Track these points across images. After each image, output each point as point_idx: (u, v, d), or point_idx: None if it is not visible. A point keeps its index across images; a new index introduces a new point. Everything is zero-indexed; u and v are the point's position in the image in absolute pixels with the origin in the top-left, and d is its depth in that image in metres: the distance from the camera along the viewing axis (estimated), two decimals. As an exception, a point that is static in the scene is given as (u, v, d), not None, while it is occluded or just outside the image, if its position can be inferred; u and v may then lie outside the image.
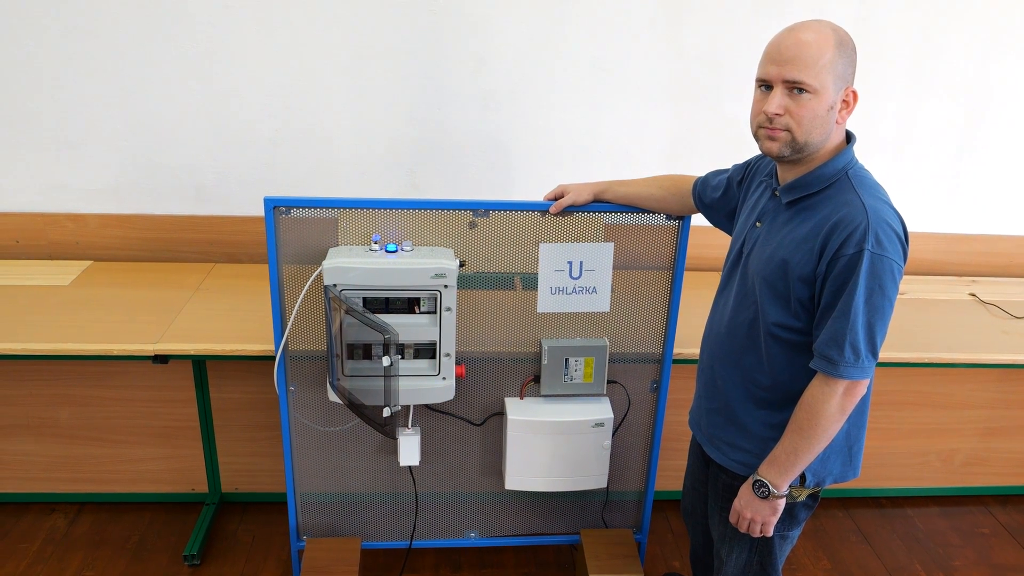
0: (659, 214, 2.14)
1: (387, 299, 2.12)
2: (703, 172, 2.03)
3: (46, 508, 2.84)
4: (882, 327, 1.55)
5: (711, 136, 2.89)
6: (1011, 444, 3.06)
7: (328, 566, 2.33)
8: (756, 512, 1.71)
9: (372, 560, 2.62)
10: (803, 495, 1.74)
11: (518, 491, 2.41)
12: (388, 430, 2.09)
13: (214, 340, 2.31)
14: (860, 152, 1.66)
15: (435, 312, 2.12)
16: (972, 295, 2.93)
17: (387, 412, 2.01)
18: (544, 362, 2.26)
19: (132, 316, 2.43)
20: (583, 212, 2.13)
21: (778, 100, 1.55)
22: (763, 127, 1.58)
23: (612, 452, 2.36)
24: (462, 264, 2.11)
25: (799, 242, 1.58)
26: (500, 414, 2.36)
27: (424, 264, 2.05)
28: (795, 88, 1.53)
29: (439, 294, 2.09)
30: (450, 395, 2.21)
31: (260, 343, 2.29)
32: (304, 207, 2.07)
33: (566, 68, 2.78)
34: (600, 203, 2.12)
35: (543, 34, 2.73)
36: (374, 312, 2.08)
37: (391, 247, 2.08)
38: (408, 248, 2.10)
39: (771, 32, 1.62)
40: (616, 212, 2.14)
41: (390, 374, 1.97)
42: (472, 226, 2.14)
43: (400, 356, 2.15)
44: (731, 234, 1.90)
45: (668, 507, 2.96)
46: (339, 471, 2.40)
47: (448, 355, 2.16)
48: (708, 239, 2.40)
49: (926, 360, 2.47)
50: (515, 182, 2.91)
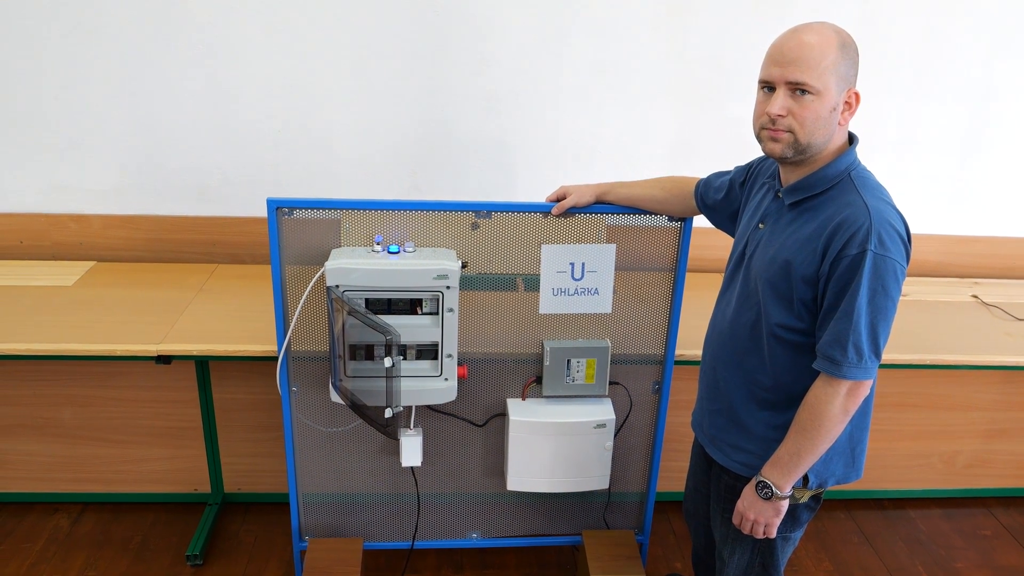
0: (661, 216, 2.14)
1: (389, 300, 2.12)
2: (705, 173, 2.02)
3: (49, 508, 2.84)
4: (885, 328, 1.55)
5: (713, 137, 2.89)
6: (1014, 446, 3.06)
7: (330, 566, 2.33)
8: (759, 513, 1.71)
9: (374, 560, 2.62)
10: (805, 496, 1.74)
11: (520, 492, 2.41)
12: (390, 431, 2.09)
13: (217, 341, 2.32)
14: (863, 153, 1.66)
15: (437, 313, 2.12)
16: (975, 297, 2.93)
17: (389, 413, 2.01)
18: (546, 363, 2.26)
19: (135, 316, 2.44)
20: (585, 213, 2.13)
21: (781, 101, 1.55)
22: (766, 128, 1.59)
23: (614, 453, 2.36)
24: (464, 265, 2.11)
25: (802, 243, 1.59)
26: (502, 415, 2.36)
27: (426, 265, 2.06)
28: (798, 89, 1.53)
29: (441, 295, 2.09)
30: (452, 396, 2.22)
31: (263, 344, 2.30)
32: (307, 208, 2.08)
33: (569, 69, 2.78)
34: (602, 204, 2.12)
35: (546, 35, 2.74)
36: (376, 313, 2.08)
37: (393, 248, 2.09)
38: (410, 249, 2.10)
39: (773, 34, 1.62)
40: (618, 214, 2.14)
41: (392, 375, 1.97)
42: (474, 227, 2.14)
43: (402, 357, 2.15)
44: (733, 236, 1.90)
45: (670, 508, 2.96)
46: (341, 472, 2.40)
47: (450, 356, 2.16)
48: (710, 241, 2.40)
49: (928, 362, 2.47)
50: (517, 183, 2.91)
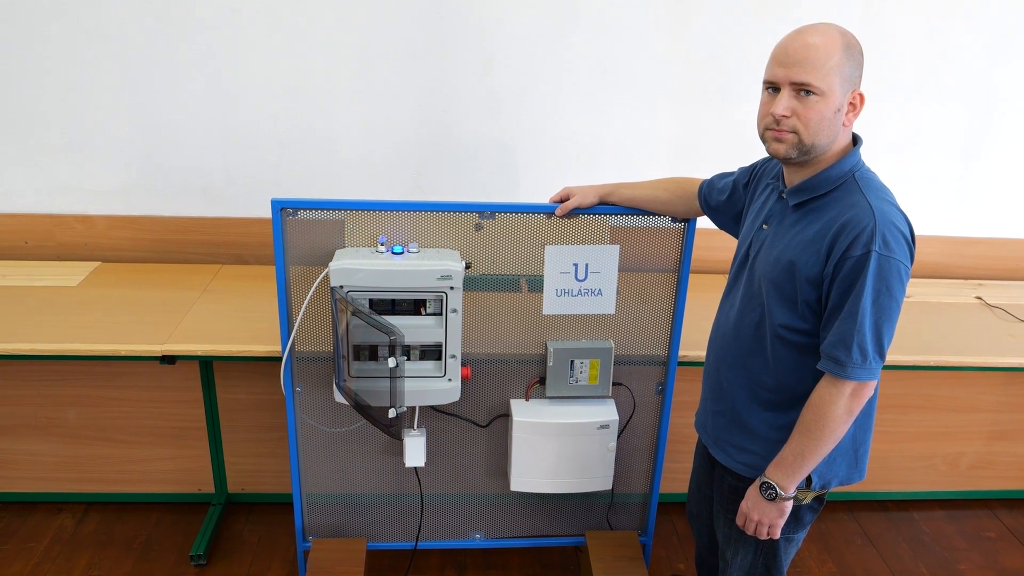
0: (664, 217, 2.14)
1: (393, 301, 2.12)
2: (708, 175, 2.03)
3: (53, 508, 2.85)
4: (889, 328, 1.55)
5: (717, 139, 2.89)
6: (1017, 448, 3.05)
7: (334, 567, 2.33)
8: (763, 514, 1.71)
9: (377, 561, 2.63)
10: (808, 497, 1.74)
11: (523, 493, 2.41)
12: (394, 431, 2.10)
13: (221, 341, 2.32)
14: (866, 154, 1.66)
15: (441, 314, 2.12)
16: (978, 298, 2.92)
17: (393, 413, 2.01)
18: (549, 364, 2.26)
19: (139, 317, 2.44)
20: (589, 215, 2.13)
21: (785, 102, 1.55)
22: (770, 129, 1.59)
23: (617, 454, 2.36)
24: (468, 266, 2.12)
25: (806, 244, 1.59)
26: (505, 416, 2.36)
27: (430, 266, 2.06)
28: (802, 90, 1.53)
29: (445, 296, 2.09)
30: (456, 396, 2.22)
31: (267, 344, 2.30)
32: (311, 209, 2.08)
33: (572, 70, 2.79)
34: (606, 205, 2.12)
35: (549, 36, 2.74)
36: (380, 313, 2.09)
37: (397, 249, 2.09)
38: (414, 250, 2.10)
39: (777, 35, 1.62)
40: (622, 215, 2.14)
41: (396, 375, 1.98)
42: (478, 228, 2.15)
43: (406, 357, 2.15)
44: (737, 237, 1.90)
45: (673, 509, 2.96)
46: (345, 472, 2.40)
47: (454, 357, 2.16)
48: (714, 241, 2.40)
49: (932, 363, 2.47)
50: (521, 184, 2.91)
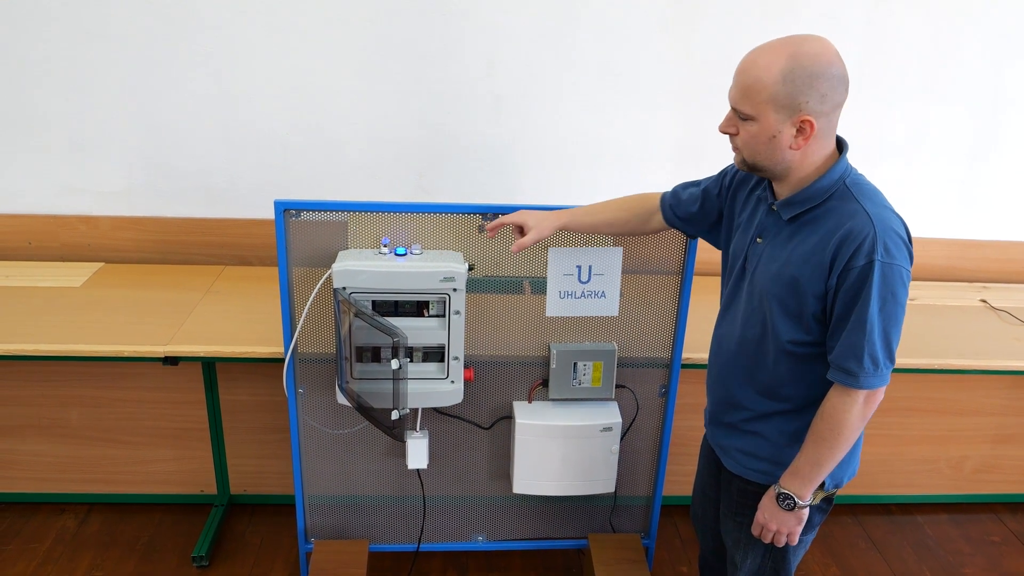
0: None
1: (396, 302, 2.12)
2: (677, 186, 1.97)
3: (56, 508, 2.85)
4: (897, 333, 1.55)
5: (720, 141, 2.86)
6: (1022, 451, 3.04)
7: (336, 568, 2.33)
8: (782, 524, 1.71)
9: (379, 563, 2.62)
10: (818, 498, 1.74)
11: (526, 495, 2.41)
12: (396, 433, 2.09)
13: (224, 342, 2.32)
14: (871, 157, 1.65)
15: (444, 315, 2.12)
16: (983, 301, 2.91)
17: (395, 415, 2.01)
18: (553, 366, 2.25)
19: (142, 318, 2.44)
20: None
21: (725, 119, 1.60)
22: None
23: (620, 457, 2.36)
24: (471, 268, 2.11)
25: (806, 257, 1.58)
26: (508, 418, 2.35)
27: (433, 267, 2.06)
28: (738, 113, 1.56)
29: (448, 297, 2.09)
30: (458, 398, 2.21)
31: (269, 345, 2.30)
32: (314, 210, 2.08)
33: (576, 72, 2.78)
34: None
35: (553, 38, 2.74)
36: (383, 315, 2.08)
37: (400, 250, 2.09)
38: (417, 251, 2.10)
39: (780, 36, 1.61)
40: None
41: (399, 377, 1.97)
42: (481, 230, 2.14)
43: (409, 359, 2.15)
44: (717, 246, 1.88)
45: (676, 512, 2.96)
46: (347, 474, 2.40)
47: (457, 359, 2.16)
48: (717, 244, 2.40)
49: (936, 366, 2.46)
50: (524, 186, 2.91)
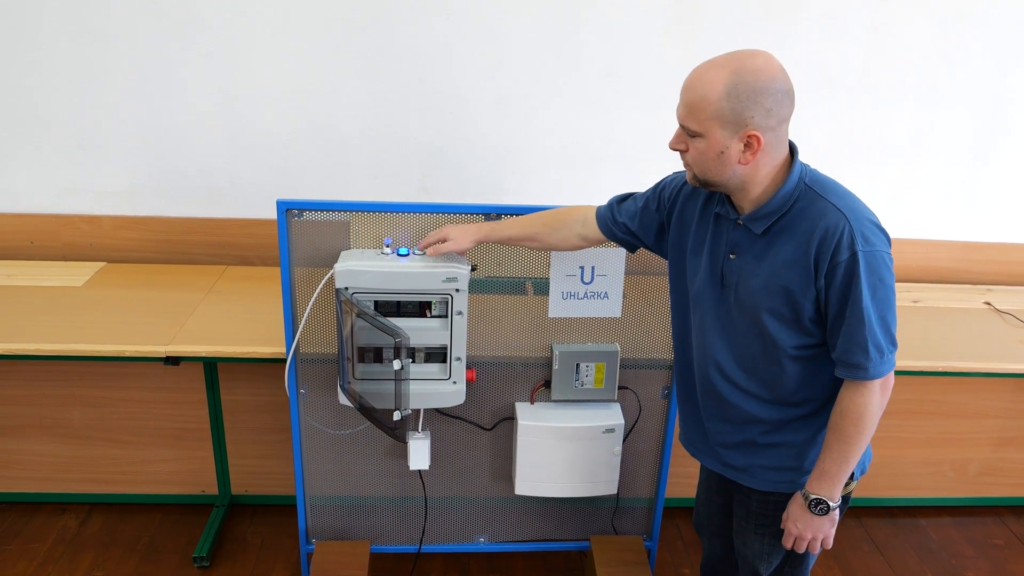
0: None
1: (398, 303, 2.12)
2: (613, 198, 1.96)
3: (57, 508, 2.85)
4: (893, 316, 1.56)
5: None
6: (1026, 454, 3.04)
7: (337, 569, 2.33)
8: (817, 530, 1.69)
9: (381, 564, 2.62)
10: (844, 490, 1.73)
11: (528, 496, 2.40)
12: (398, 434, 2.09)
13: (225, 342, 2.32)
14: (874, 159, 1.65)
15: (446, 316, 2.11)
16: (987, 304, 2.90)
17: (397, 416, 2.00)
18: (555, 367, 2.25)
19: (144, 317, 2.44)
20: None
21: (675, 136, 1.59)
22: None
23: (622, 458, 2.35)
24: (474, 268, 2.11)
25: (789, 263, 1.57)
26: (510, 419, 2.35)
27: (435, 268, 2.05)
28: (686, 130, 1.55)
29: (450, 298, 2.08)
30: (460, 399, 2.21)
31: (271, 345, 2.29)
32: (316, 210, 2.08)
33: (579, 73, 2.78)
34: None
35: (556, 39, 2.73)
36: (385, 315, 2.08)
37: (403, 251, 2.08)
38: (419, 252, 2.10)
39: (784, 38, 1.62)
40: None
41: (401, 378, 1.97)
42: (484, 230, 2.14)
43: (411, 360, 2.15)
44: (664, 256, 1.85)
45: (679, 514, 2.95)
46: (349, 474, 2.40)
47: (459, 359, 2.16)
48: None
49: (940, 369, 2.45)
50: (527, 186, 2.90)
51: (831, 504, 1.66)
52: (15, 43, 2.65)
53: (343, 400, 2.17)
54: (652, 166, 2.89)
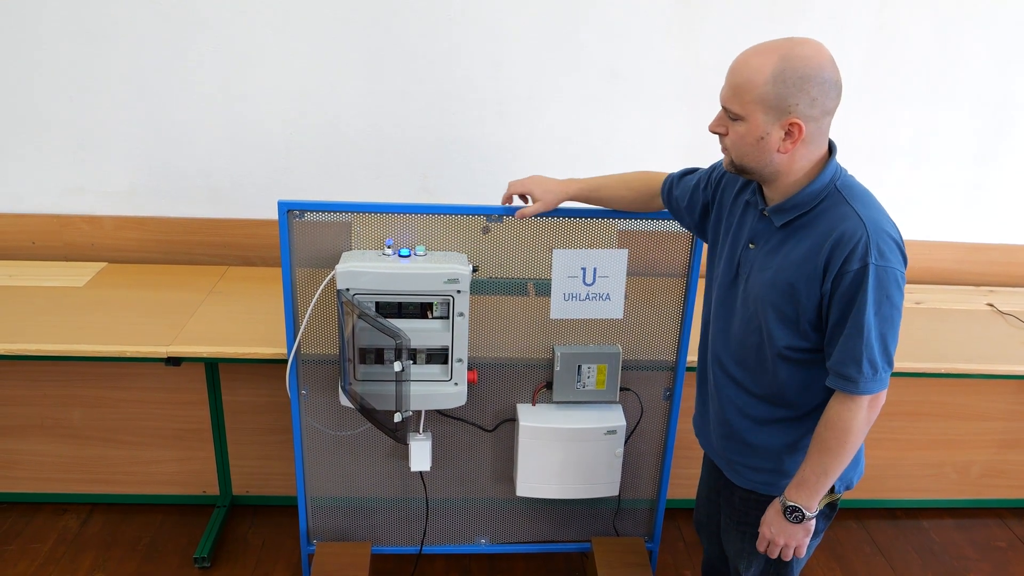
0: (673, 221, 2.12)
1: (400, 304, 2.11)
2: (680, 171, 1.98)
3: (58, 508, 2.85)
4: (894, 336, 1.54)
5: (726, 143, 2.87)
6: (1028, 456, 3.03)
7: (338, 570, 2.32)
8: (790, 537, 1.68)
9: (382, 565, 2.61)
10: (822, 504, 1.72)
11: (529, 498, 2.39)
12: (399, 435, 2.09)
13: (227, 343, 2.32)
14: (878, 160, 1.64)
15: (448, 317, 2.11)
16: (990, 305, 2.90)
17: (398, 417, 2.00)
18: (556, 368, 2.24)
19: (146, 318, 2.44)
20: (597, 219, 2.12)
21: (716, 119, 1.59)
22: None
23: (624, 460, 2.34)
24: (475, 269, 2.11)
25: (800, 263, 1.56)
26: (512, 420, 2.35)
27: (437, 269, 2.05)
28: (728, 112, 1.55)
29: (452, 299, 2.08)
30: (462, 401, 2.21)
31: (273, 346, 2.29)
32: (318, 211, 2.07)
33: (581, 74, 2.77)
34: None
35: (558, 40, 2.73)
36: (387, 317, 2.08)
37: (404, 252, 2.08)
38: (421, 253, 2.09)
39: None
40: (630, 219, 2.13)
41: (402, 379, 1.97)
42: (485, 231, 2.14)
43: (412, 361, 2.14)
44: (703, 239, 1.87)
45: (680, 516, 2.94)
46: (350, 475, 2.39)
47: (460, 360, 2.15)
48: (723, 246, 2.39)
49: (943, 370, 2.45)
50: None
51: (806, 513, 1.64)
52: (16, 43, 2.64)
53: (344, 401, 2.17)
54: (653, 166, 2.90)
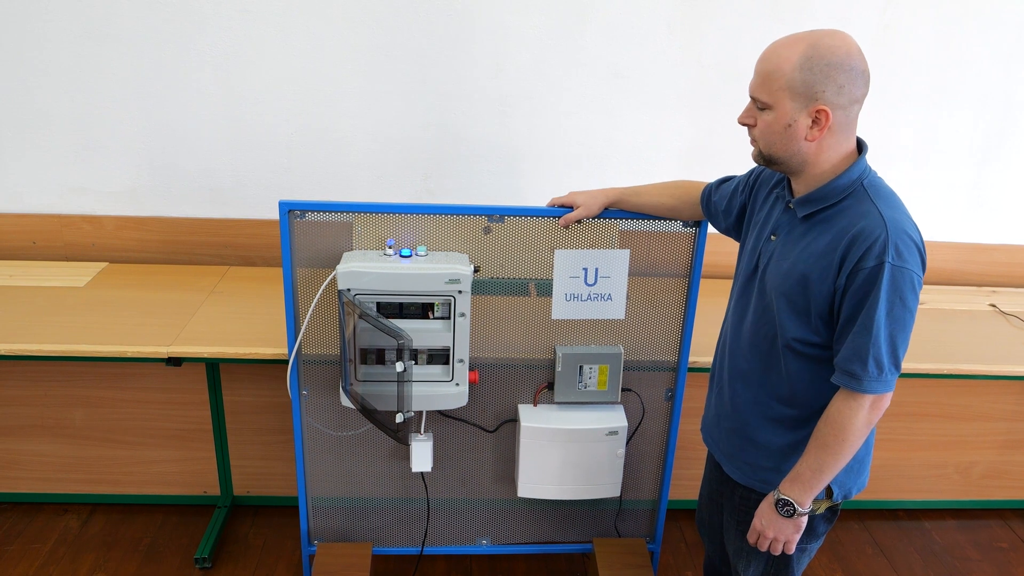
0: (675, 221, 2.12)
1: (401, 304, 2.11)
2: (718, 179, 2.01)
3: (59, 509, 2.84)
4: (904, 339, 1.53)
5: (727, 143, 2.86)
6: (1031, 457, 3.03)
7: (339, 571, 2.32)
8: (779, 531, 1.68)
9: (383, 566, 2.61)
10: (822, 507, 1.72)
11: (531, 499, 2.39)
12: (400, 436, 2.08)
13: (228, 343, 2.31)
14: (880, 160, 1.64)
15: (449, 318, 2.11)
16: (992, 306, 2.89)
17: (400, 418, 2.00)
18: (558, 369, 2.24)
19: (146, 318, 2.44)
20: (598, 219, 2.11)
21: (745, 110, 1.61)
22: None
23: (626, 461, 2.34)
24: (476, 269, 2.10)
25: (818, 256, 1.56)
26: (513, 421, 2.34)
27: (438, 269, 2.04)
28: (756, 102, 1.56)
29: (453, 299, 2.08)
30: (463, 401, 2.20)
31: (273, 346, 2.29)
32: (319, 211, 2.07)
33: (583, 74, 2.77)
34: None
35: (560, 40, 2.72)
36: (388, 317, 2.07)
37: (405, 252, 2.08)
38: (422, 253, 2.09)
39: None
40: (631, 219, 2.12)
41: (403, 379, 1.96)
42: (487, 231, 2.13)
43: (413, 361, 2.14)
44: (737, 239, 1.89)
45: (682, 517, 2.94)
46: (351, 476, 2.39)
47: (461, 361, 2.15)
48: (725, 246, 2.37)
49: (945, 371, 2.44)
50: (530, 187, 2.89)
51: (798, 508, 1.64)
52: (19, 43, 2.64)
53: (345, 402, 2.16)
54: (656, 166, 2.91)
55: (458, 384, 2.17)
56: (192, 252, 2.89)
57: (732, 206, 1.88)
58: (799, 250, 1.60)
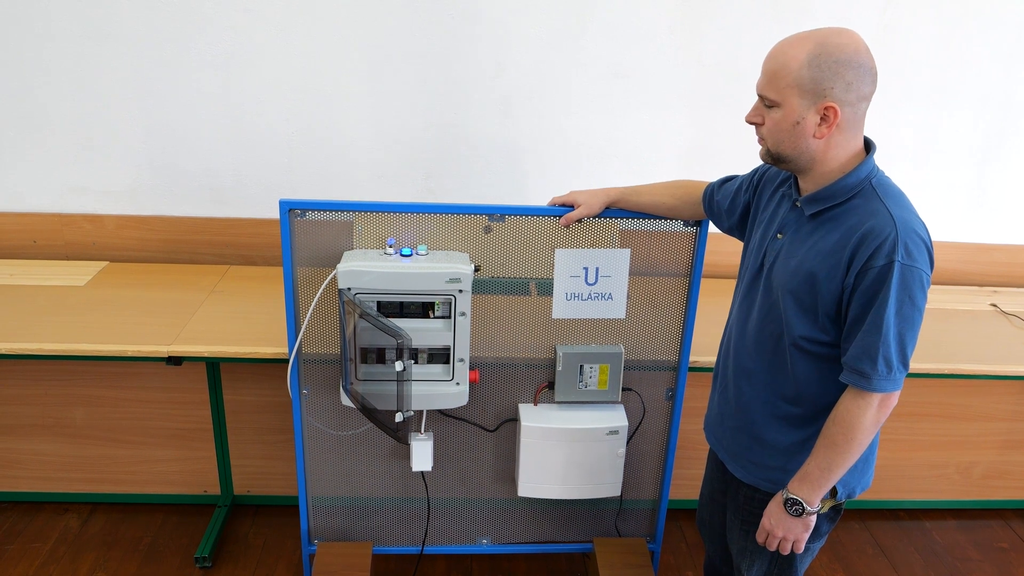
0: (676, 220, 2.12)
1: (401, 303, 2.11)
2: (719, 179, 2.01)
3: (59, 508, 2.84)
4: (912, 338, 1.53)
5: (728, 143, 2.86)
6: (1032, 457, 3.03)
7: (339, 570, 2.32)
8: (788, 530, 1.68)
9: (383, 565, 2.61)
10: (826, 507, 1.72)
11: (531, 498, 2.39)
12: (401, 435, 2.08)
13: (228, 342, 2.31)
14: (881, 160, 1.64)
15: (449, 317, 2.11)
16: (993, 305, 2.89)
17: (400, 417, 1.99)
18: (559, 368, 2.24)
19: (147, 317, 2.44)
20: (599, 218, 2.11)
21: (753, 109, 1.60)
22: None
23: (626, 460, 2.34)
24: (477, 269, 2.10)
25: (826, 254, 1.56)
26: (514, 420, 2.34)
27: (439, 268, 2.04)
28: (764, 100, 1.56)
29: (454, 299, 2.08)
30: (463, 401, 2.20)
31: (274, 346, 2.29)
32: (319, 210, 2.07)
33: (584, 74, 2.77)
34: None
35: (561, 40, 2.72)
36: (388, 316, 2.07)
37: (406, 251, 2.08)
38: (423, 252, 2.09)
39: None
40: (632, 219, 2.12)
41: (403, 379, 1.96)
42: (487, 230, 2.13)
43: (414, 361, 2.14)
44: (740, 238, 1.89)
45: (682, 516, 2.94)
46: (351, 475, 2.39)
47: (462, 360, 2.15)
48: (726, 246, 2.37)
49: (946, 371, 2.44)
50: (531, 187, 2.89)
51: (807, 507, 1.64)
52: (20, 42, 2.64)
53: (345, 401, 2.16)
54: (657, 166, 2.91)
55: (458, 383, 2.17)
56: (193, 251, 2.89)
57: (736, 205, 1.88)
58: (807, 248, 1.60)
